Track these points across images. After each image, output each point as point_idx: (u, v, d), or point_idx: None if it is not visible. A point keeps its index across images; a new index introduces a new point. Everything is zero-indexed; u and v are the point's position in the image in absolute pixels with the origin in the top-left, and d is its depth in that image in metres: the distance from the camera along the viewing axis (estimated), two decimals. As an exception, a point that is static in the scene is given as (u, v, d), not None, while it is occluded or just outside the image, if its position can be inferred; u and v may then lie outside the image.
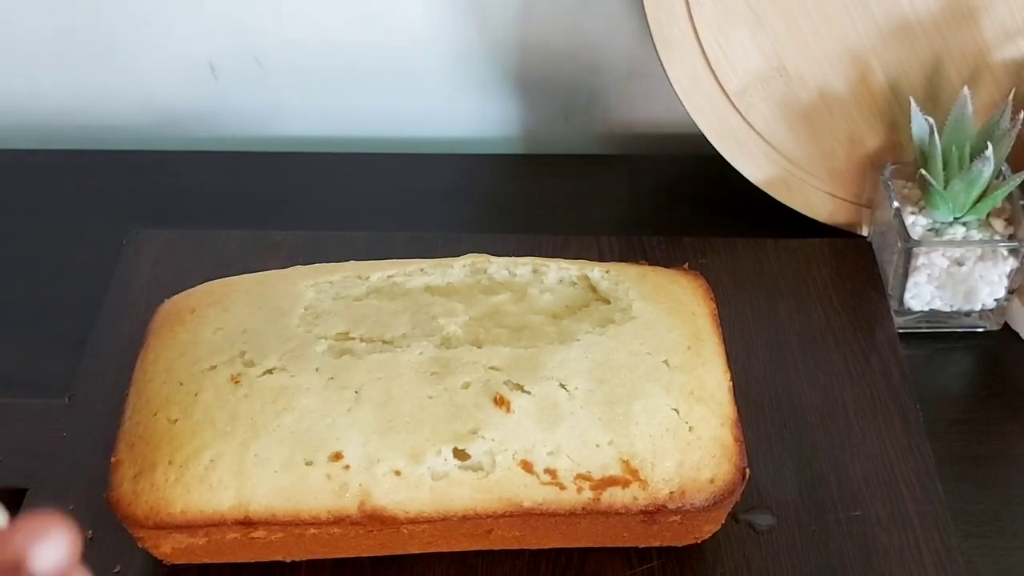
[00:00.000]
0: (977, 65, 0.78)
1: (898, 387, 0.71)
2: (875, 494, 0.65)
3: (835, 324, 0.75)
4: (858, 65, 0.78)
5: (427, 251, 0.68)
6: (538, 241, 0.75)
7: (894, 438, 0.68)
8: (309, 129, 0.94)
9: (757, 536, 0.63)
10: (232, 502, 0.57)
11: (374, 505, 0.57)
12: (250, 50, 0.90)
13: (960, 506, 0.66)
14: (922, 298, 0.76)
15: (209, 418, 0.58)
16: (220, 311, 0.63)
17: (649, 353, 0.61)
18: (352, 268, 0.66)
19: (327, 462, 0.57)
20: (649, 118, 0.93)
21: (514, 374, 0.59)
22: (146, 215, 0.85)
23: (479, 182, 0.91)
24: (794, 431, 0.68)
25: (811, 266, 0.79)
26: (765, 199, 0.82)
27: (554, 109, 0.93)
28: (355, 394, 0.58)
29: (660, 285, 0.65)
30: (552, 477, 0.57)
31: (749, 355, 0.72)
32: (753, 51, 0.78)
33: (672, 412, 0.59)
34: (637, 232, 0.80)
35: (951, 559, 0.62)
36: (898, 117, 0.79)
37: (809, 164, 0.81)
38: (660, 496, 0.58)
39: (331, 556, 0.61)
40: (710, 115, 0.79)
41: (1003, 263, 0.75)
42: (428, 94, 0.92)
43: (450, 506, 0.57)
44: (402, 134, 0.94)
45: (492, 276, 0.65)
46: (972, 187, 0.73)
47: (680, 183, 0.90)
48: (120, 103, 0.92)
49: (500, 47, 0.90)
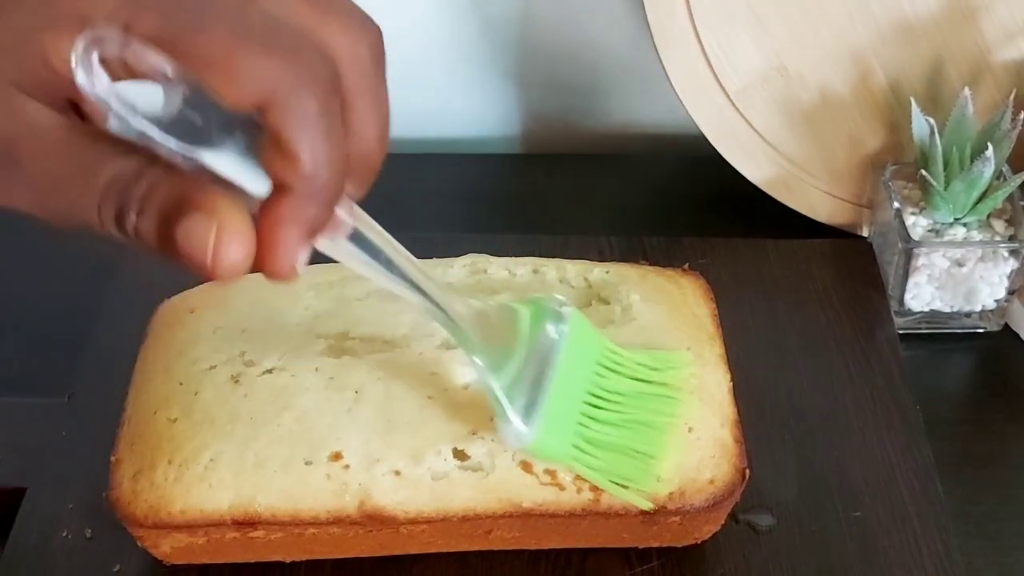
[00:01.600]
0: (977, 66, 0.78)
1: (898, 388, 0.71)
2: (875, 495, 0.65)
3: (835, 325, 0.75)
4: (858, 65, 0.78)
5: (427, 251, 0.68)
6: (538, 241, 0.75)
7: (894, 438, 0.68)
8: (309, 129, 0.94)
9: (757, 536, 0.63)
10: (231, 501, 0.57)
11: (374, 505, 0.57)
12: (250, 50, 0.89)
13: (960, 507, 0.66)
14: (922, 299, 0.76)
15: (209, 418, 0.58)
16: (220, 311, 0.63)
17: (649, 353, 0.61)
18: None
19: (327, 462, 0.57)
20: (649, 118, 0.93)
21: (514, 374, 0.59)
22: (146, 215, 0.84)
23: (479, 182, 0.91)
24: (794, 432, 0.68)
25: (811, 266, 0.79)
26: (765, 199, 0.82)
27: (554, 109, 0.93)
28: (355, 394, 0.58)
29: (660, 286, 0.65)
30: (552, 478, 0.57)
31: (749, 355, 0.71)
32: (753, 51, 0.78)
33: (672, 412, 0.59)
34: (637, 232, 0.80)
35: (951, 559, 0.62)
36: (898, 117, 0.79)
37: (809, 164, 0.81)
38: (660, 497, 0.58)
39: (330, 556, 0.61)
40: (710, 115, 0.79)
41: (1003, 264, 0.75)
42: (428, 94, 0.92)
43: (450, 506, 0.57)
44: (401, 134, 0.94)
45: (492, 276, 0.65)
46: (973, 188, 0.73)
47: (680, 183, 0.90)
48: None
49: (500, 47, 0.89)
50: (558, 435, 0.54)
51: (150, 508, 0.57)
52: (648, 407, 0.57)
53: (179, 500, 0.57)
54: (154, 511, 0.57)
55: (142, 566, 0.61)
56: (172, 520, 0.57)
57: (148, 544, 0.60)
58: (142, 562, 0.61)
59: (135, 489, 0.58)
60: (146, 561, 0.61)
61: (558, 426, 0.54)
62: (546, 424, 0.53)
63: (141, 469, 0.58)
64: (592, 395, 0.55)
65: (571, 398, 0.54)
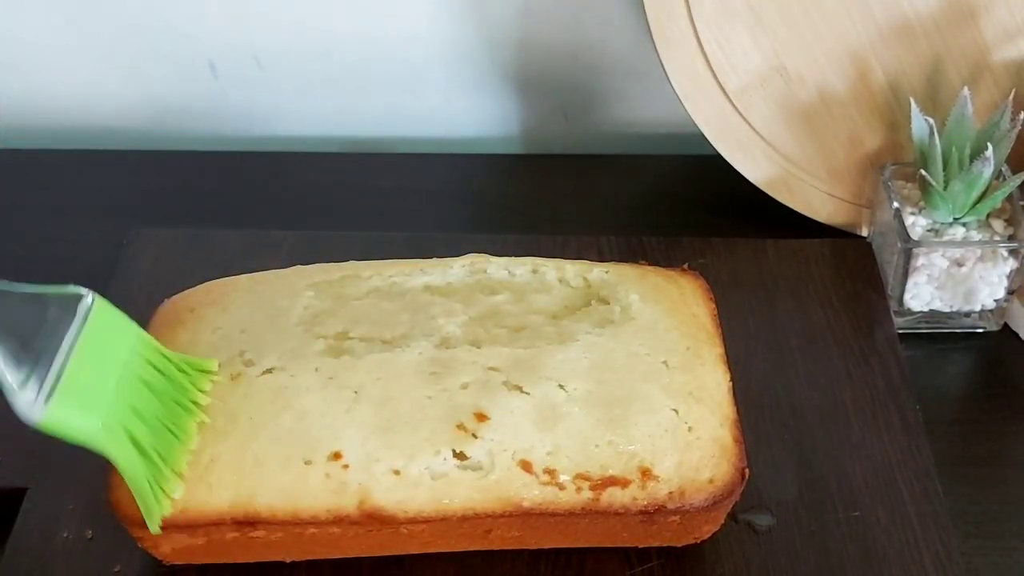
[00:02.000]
0: (977, 65, 0.78)
1: (898, 387, 0.71)
2: (875, 495, 0.65)
3: (835, 324, 0.75)
4: (858, 65, 0.78)
5: (427, 251, 0.68)
6: (538, 241, 0.75)
7: (894, 438, 0.68)
8: (309, 129, 0.94)
9: (757, 536, 0.63)
10: (231, 501, 0.57)
11: (373, 504, 0.57)
12: (250, 50, 0.90)
13: (960, 507, 0.66)
14: (922, 298, 0.76)
15: (208, 417, 0.58)
16: (219, 311, 0.63)
17: (648, 353, 0.61)
18: (352, 268, 0.66)
19: (326, 461, 0.57)
20: (649, 118, 0.93)
21: (513, 374, 0.59)
22: (146, 215, 0.85)
23: (479, 182, 0.91)
24: (794, 431, 0.68)
25: (811, 266, 0.79)
26: (765, 199, 0.82)
27: (554, 109, 0.93)
28: (354, 394, 0.58)
29: (659, 285, 0.65)
30: (551, 477, 0.57)
31: (749, 355, 0.71)
32: (753, 51, 0.78)
33: (671, 412, 0.59)
34: (637, 232, 0.80)
35: (951, 559, 0.62)
36: (898, 117, 0.79)
37: (809, 164, 0.81)
38: (659, 496, 0.58)
39: (330, 556, 0.61)
40: (710, 115, 0.79)
41: (1003, 264, 0.75)
42: (427, 94, 0.92)
43: (449, 506, 0.57)
44: (401, 134, 0.94)
45: (491, 276, 0.65)
46: (972, 188, 0.73)
47: (680, 183, 0.90)
48: (120, 103, 0.92)
49: (500, 46, 0.90)
50: (84, 412, 0.52)
51: (150, 508, 0.57)
52: (172, 414, 0.56)
53: (179, 500, 0.57)
54: (154, 511, 0.57)
55: (142, 566, 0.61)
56: (172, 520, 0.57)
57: (148, 544, 0.60)
58: (142, 562, 0.61)
59: (135, 489, 0.58)
60: (146, 561, 0.61)
61: (85, 404, 0.52)
62: (66, 400, 0.52)
63: (141, 469, 0.58)
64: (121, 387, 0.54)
65: (99, 382, 0.53)
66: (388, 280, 0.65)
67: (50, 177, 0.89)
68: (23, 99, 0.92)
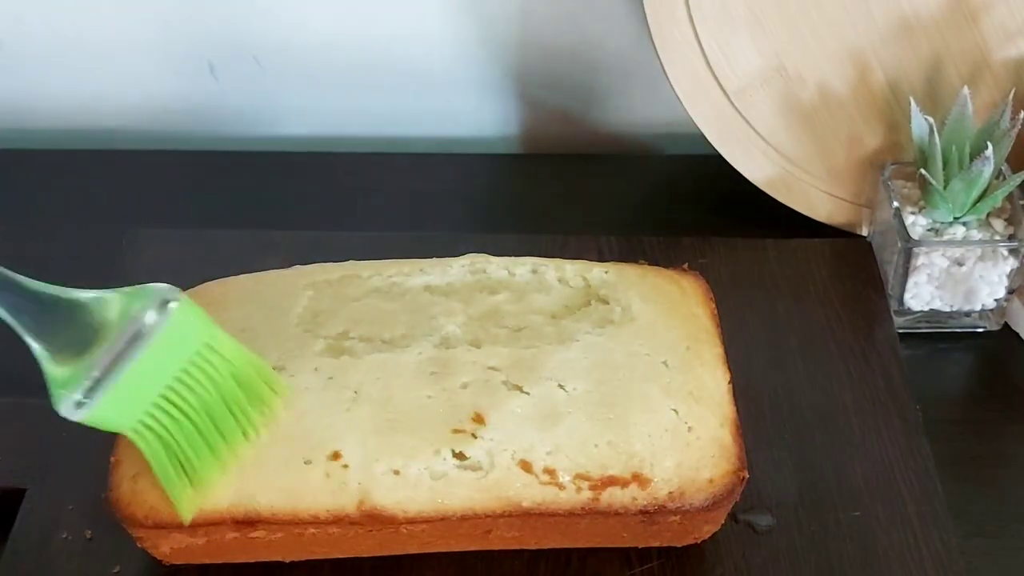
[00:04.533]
0: (977, 65, 0.78)
1: (898, 387, 0.71)
2: (875, 494, 0.65)
3: (835, 324, 0.75)
4: (858, 65, 0.78)
5: (426, 251, 0.68)
6: (538, 241, 0.75)
7: (894, 438, 0.68)
8: (309, 129, 0.94)
9: (757, 536, 0.63)
10: (231, 501, 0.57)
11: (373, 504, 0.57)
12: (250, 50, 0.90)
13: (960, 506, 0.66)
14: (922, 298, 0.76)
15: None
16: (219, 311, 0.63)
17: (648, 353, 0.61)
18: (352, 268, 0.66)
19: (326, 461, 0.57)
20: (649, 118, 0.93)
21: (513, 374, 0.59)
22: (146, 215, 0.85)
23: (479, 182, 0.91)
24: (794, 431, 0.68)
25: (811, 266, 0.79)
26: (765, 199, 0.82)
27: (554, 109, 0.93)
28: (354, 394, 0.58)
29: (659, 285, 0.65)
30: (551, 477, 0.57)
31: (748, 355, 0.71)
32: (753, 51, 0.78)
33: (671, 412, 0.59)
34: (636, 232, 0.80)
35: (951, 559, 0.62)
36: (898, 117, 0.79)
37: (809, 164, 0.81)
38: (659, 496, 0.58)
39: (330, 556, 0.61)
40: (710, 115, 0.79)
41: (1003, 263, 0.75)
42: (427, 94, 0.92)
43: (449, 506, 0.57)
44: (402, 134, 0.94)
45: (491, 276, 0.65)
46: (972, 187, 0.73)
47: (680, 183, 0.90)
48: (120, 103, 0.92)
49: (500, 46, 0.90)
50: (120, 410, 0.54)
51: (150, 509, 0.57)
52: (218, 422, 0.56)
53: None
54: (154, 512, 0.57)
55: (142, 567, 0.61)
56: (172, 520, 0.57)
57: (148, 545, 0.60)
58: (142, 563, 0.61)
59: (135, 490, 0.58)
60: (146, 562, 0.61)
61: (124, 403, 0.54)
62: (108, 399, 0.53)
63: (141, 470, 0.58)
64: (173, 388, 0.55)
65: (152, 382, 0.54)
66: (388, 280, 0.65)
67: (50, 177, 0.89)
68: (23, 99, 0.92)
